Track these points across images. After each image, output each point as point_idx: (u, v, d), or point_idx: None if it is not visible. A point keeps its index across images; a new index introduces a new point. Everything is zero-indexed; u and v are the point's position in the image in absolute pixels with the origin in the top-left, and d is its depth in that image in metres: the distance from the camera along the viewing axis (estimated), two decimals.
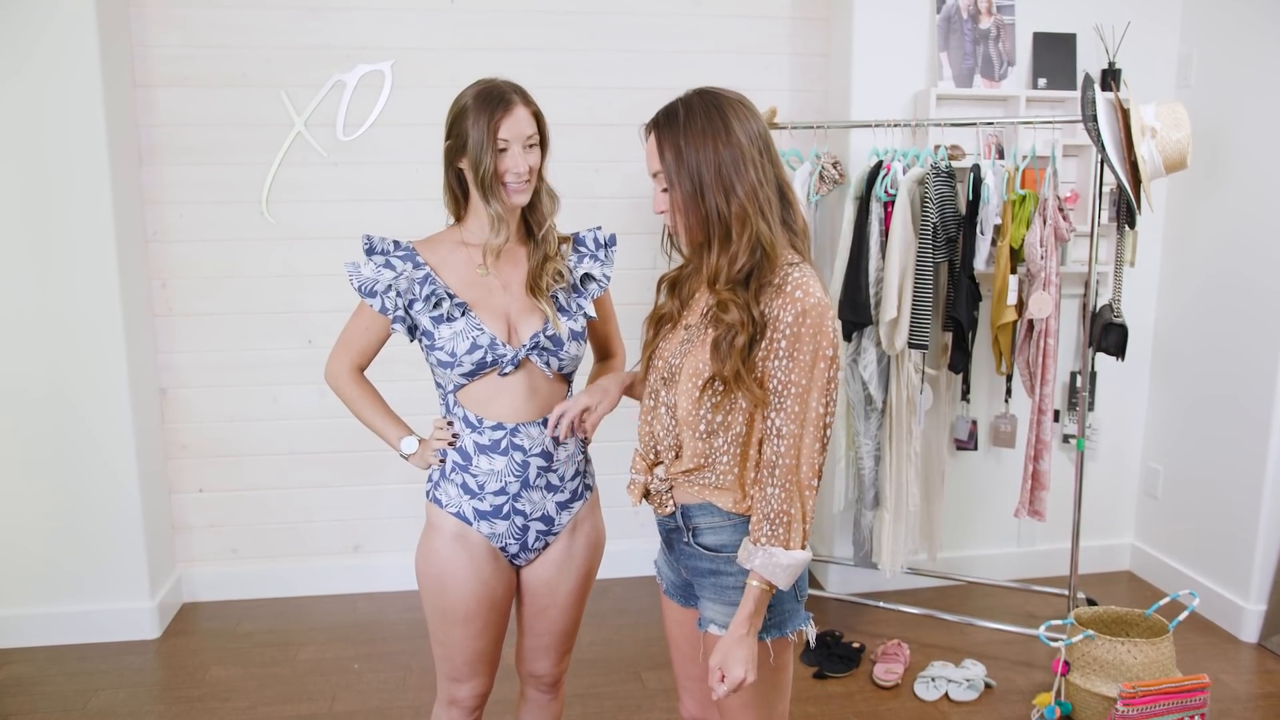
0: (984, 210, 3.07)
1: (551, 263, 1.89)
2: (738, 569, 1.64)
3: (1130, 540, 3.88)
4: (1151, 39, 3.48)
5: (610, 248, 2.00)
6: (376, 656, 3.19)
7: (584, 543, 1.97)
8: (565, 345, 1.86)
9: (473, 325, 1.81)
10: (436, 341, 1.82)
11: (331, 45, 3.38)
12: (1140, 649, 2.67)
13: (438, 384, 1.90)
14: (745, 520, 1.64)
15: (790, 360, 1.54)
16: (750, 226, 1.56)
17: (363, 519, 3.66)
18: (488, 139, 1.77)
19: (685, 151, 1.57)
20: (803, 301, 1.54)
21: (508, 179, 1.81)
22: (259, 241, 3.45)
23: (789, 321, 1.54)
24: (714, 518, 1.66)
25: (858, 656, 3.12)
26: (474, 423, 1.85)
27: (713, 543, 1.67)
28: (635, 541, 3.61)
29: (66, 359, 3.14)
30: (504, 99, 1.79)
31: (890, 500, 3.23)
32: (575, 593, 1.98)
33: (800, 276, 1.57)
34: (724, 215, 1.57)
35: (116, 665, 3.14)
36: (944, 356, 3.25)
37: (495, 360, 1.81)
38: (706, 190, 1.56)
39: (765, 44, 3.60)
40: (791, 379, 1.54)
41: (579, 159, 3.52)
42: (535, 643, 2.01)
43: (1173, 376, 3.64)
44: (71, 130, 3.03)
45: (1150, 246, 3.61)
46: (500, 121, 1.77)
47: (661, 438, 1.68)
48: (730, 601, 1.65)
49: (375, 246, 1.88)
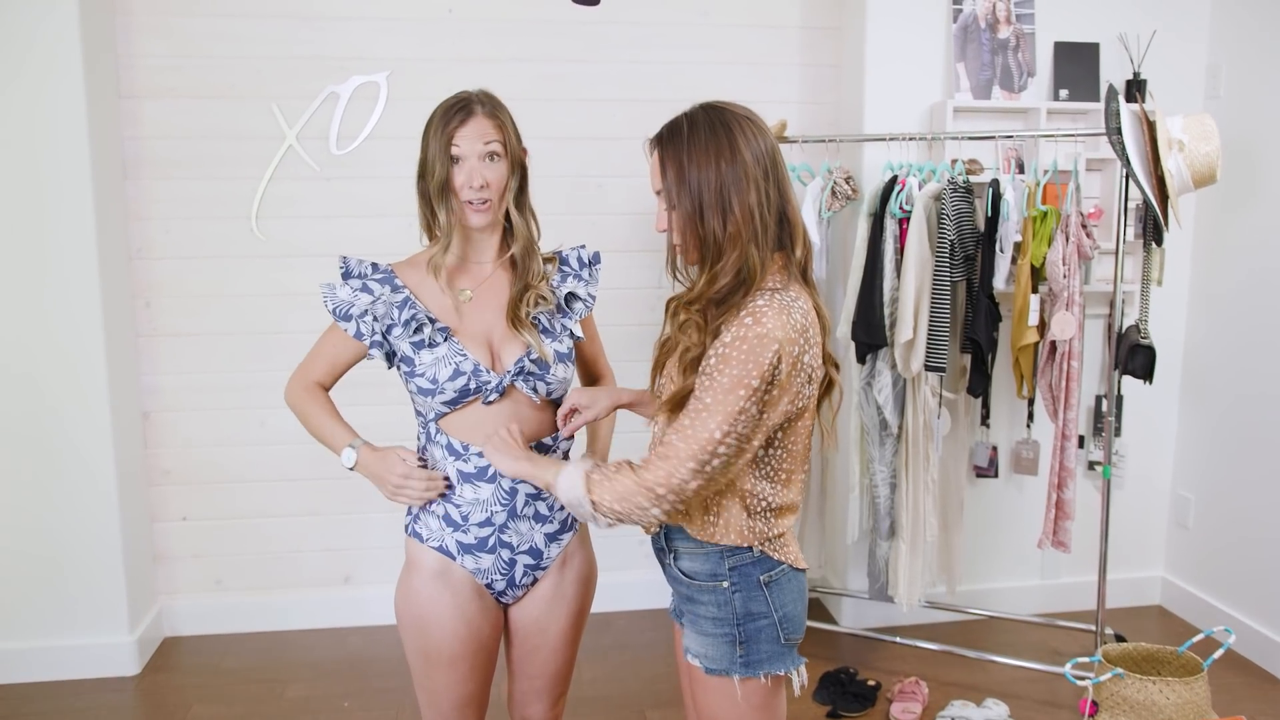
0: (1003, 227, 3.06)
1: (532, 291, 1.86)
2: (709, 598, 1.66)
3: (1160, 573, 3.85)
4: (1178, 48, 3.49)
5: (594, 266, 1.98)
6: (368, 694, 3.17)
7: (575, 578, 1.94)
8: (552, 368, 1.84)
9: (455, 351, 1.79)
10: (417, 368, 1.79)
11: (325, 56, 3.40)
12: (1173, 688, 2.63)
13: (418, 412, 1.88)
14: (721, 552, 1.65)
15: (709, 378, 1.52)
16: (740, 249, 1.56)
17: (354, 549, 3.65)
18: (440, 150, 1.76)
19: (688, 170, 1.57)
20: (749, 328, 1.51)
21: (463, 194, 1.77)
22: (248, 259, 3.46)
23: (726, 342, 1.52)
24: (689, 544, 1.68)
25: (874, 695, 3.09)
26: (458, 450, 1.82)
27: (687, 568, 1.69)
28: (639, 572, 3.60)
29: (45, 380, 3.14)
30: (464, 107, 1.77)
31: (907, 530, 3.21)
32: (567, 632, 1.95)
33: (762, 304, 1.54)
34: (718, 237, 1.57)
35: (94, 703, 3.12)
36: (962, 379, 3.24)
37: (479, 387, 1.79)
38: (706, 211, 1.56)
39: (774, 54, 3.61)
40: (704, 397, 1.52)
41: (580, 174, 3.53)
42: (527, 686, 1.99)
43: (1203, 400, 3.63)
44: (53, 142, 3.05)
45: (1178, 264, 3.60)
46: (455, 131, 1.76)
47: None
48: (704, 632, 1.67)
49: (352, 270, 1.85)
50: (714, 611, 1.66)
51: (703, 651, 1.68)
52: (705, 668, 1.68)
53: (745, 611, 1.65)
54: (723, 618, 1.66)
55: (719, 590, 1.66)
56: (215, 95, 3.37)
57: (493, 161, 1.79)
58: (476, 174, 1.77)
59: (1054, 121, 3.41)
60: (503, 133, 1.81)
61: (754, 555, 1.65)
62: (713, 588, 1.66)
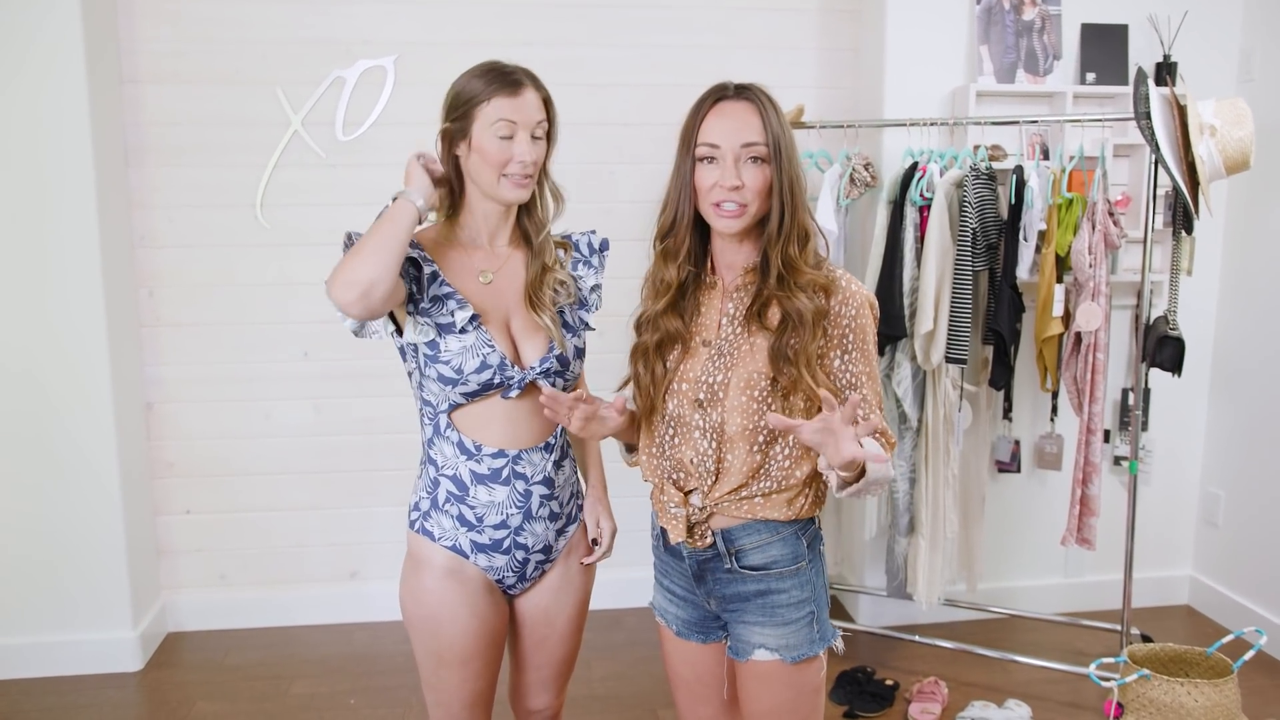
0: (1027, 215, 3.04)
1: (551, 273, 1.83)
2: (790, 582, 1.66)
3: (1188, 571, 3.82)
4: (1210, 30, 3.45)
5: (603, 253, 1.96)
6: (374, 691, 3.17)
7: (579, 566, 1.95)
8: (571, 364, 1.83)
9: (484, 341, 1.74)
10: (441, 354, 1.73)
11: (330, 40, 3.39)
12: (1202, 691, 2.61)
13: (425, 401, 1.82)
14: (796, 531, 1.66)
15: (859, 352, 1.62)
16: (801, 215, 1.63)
17: (360, 543, 3.65)
18: (491, 120, 1.71)
19: (784, 124, 1.62)
20: (859, 293, 1.62)
21: (510, 168, 1.73)
22: (252, 247, 3.46)
23: (852, 315, 1.60)
24: (761, 535, 1.66)
25: (891, 695, 3.08)
26: (470, 450, 1.78)
27: (761, 561, 1.67)
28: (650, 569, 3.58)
29: (46, 371, 3.15)
30: (514, 79, 1.74)
31: (926, 526, 3.20)
32: (574, 620, 1.96)
33: (841, 271, 1.65)
34: (798, 201, 1.62)
35: (96, 700, 3.13)
36: (984, 372, 3.23)
37: (503, 382, 1.76)
38: (798, 171, 1.62)
39: (791, 38, 3.59)
40: (860, 369, 1.62)
41: (593, 160, 3.51)
42: (534, 676, 1.98)
43: (1234, 393, 3.59)
44: (54, 129, 3.05)
45: (1209, 253, 3.57)
46: (509, 102, 1.72)
47: (696, 464, 1.66)
48: (785, 621, 1.67)
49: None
50: (796, 595, 1.66)
51: (783, 642, 1.67)
52: (789, 658, 1.66)
53: (820, 584, 1.71)
54: (804, 598, 1.67)
55: (801, 572, 1.67)
56: (219, 80, 3.37)
57: (539, 140, 1.77)
58: (528, 150, 1.73)
59: (1080, 106, 3.37)
60: (549, 109, 1.79)
61: (815, 525, 1.70)
62: (795, 571, 1.67)
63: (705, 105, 1.63)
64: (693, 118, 1.63)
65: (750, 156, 1.60)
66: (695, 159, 1.63)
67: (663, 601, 1.84)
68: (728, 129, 1.60)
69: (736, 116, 1.60)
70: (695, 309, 1.70)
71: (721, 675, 1.79)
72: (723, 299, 1.69)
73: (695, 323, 1.69)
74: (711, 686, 1.80)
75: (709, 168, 1.61)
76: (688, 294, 1.70)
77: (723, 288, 1.70)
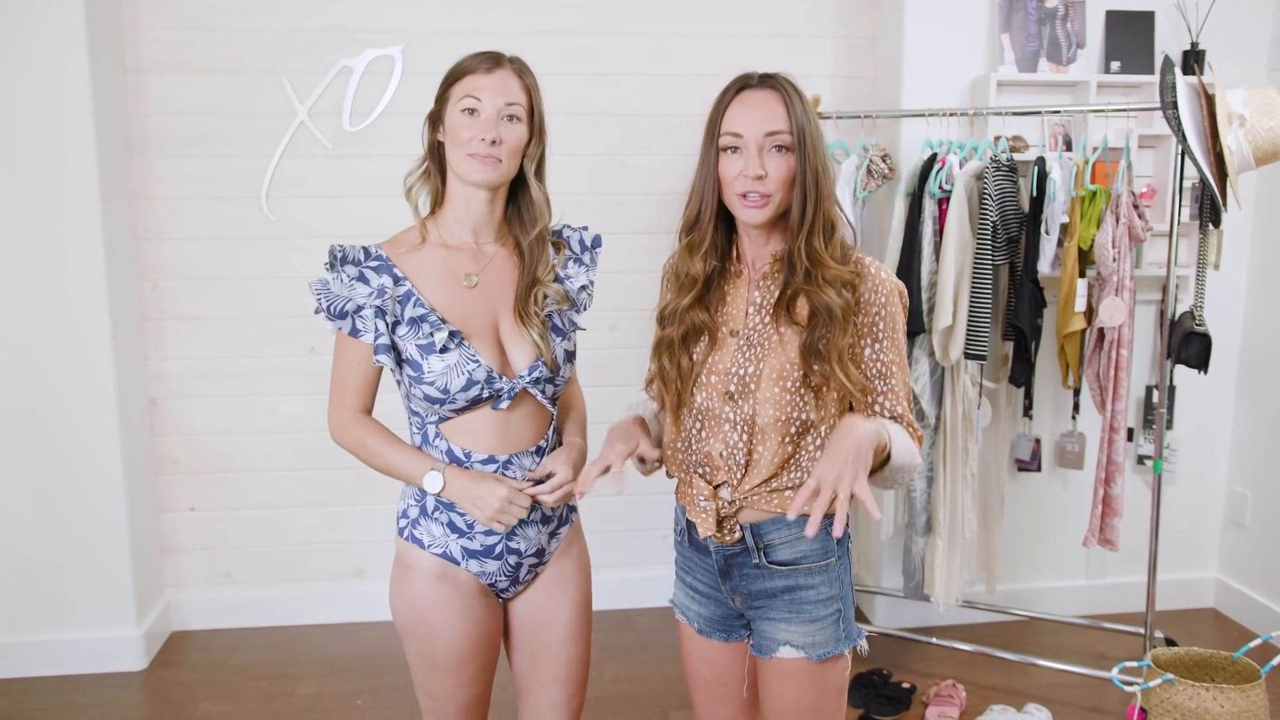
0: (1049, 207, 3.03)
1: (540, 287, 1.80)
2: (820, 578, 1.67)
3: (1214, 574, 3.80)
4: (1240, 16, 3.42)
5: (595, 250, 1.94)
6: (381, 691, 3.18)
7: (574, 565, 1.91)
8: (561, 369, 1.82)
9: (468, 357, 1.73)
10: (425, 375, 1.72)
11: (338, 28, 3.39)
12: (1228, 696, 2.60)
13: (414, 412, 1.81)
14: (826, 525, 1.65)
15: (889, 340, 1.64)
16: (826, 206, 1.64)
17: (367, 541, 3.66)
18: (459, 96, 1.71)
19: (810, 114, 1.62)
20: (889, 280, 1.64)
21: (473, 146, 1.70)
22: (258, 240, 3.47)
23: (882, 303, 1.63)
24: (791, 529, 1.66)
25: (908, 698, 3.07)
26: (460, 458, 1.77)
27: (790, 555, 1.67)
28: (661, 569, 3.59)
29: (49, 366, 3.16)
30: (490, 57, 1.74)
31: (944, 526, 3.19)
32: (575, 624, 1.90)
33: (869, 259, 1.67)
34: (823, 191, 1.62)
35: (99, 699, 3.15)
36: (1004, 368, 3.21)
37: (493, 394, 1.75)
38: (823, 162, 1.62)
39: (807, 26, 3.58)
40: (890, 359, 1.64)
41: (604, 151, 3.51)
42: (542, 698, 1.90)
43: (1262, 391, 3.57)
44: (56, 119, 3.06)
45: (1237, 247, 3.55)
46: (479, 78, 1.71)
47: (725, 457, 1.66)
48: (813, 618, 1.67)
49: (348, 255, 1.74)
50: (825, 591, 1.67)
51: (810, 640, 1.67)
52: (815, 656, 1.66)
53: (848, 581, 1.71)
54: (832, 595, 1.68)
55: (830, 568, 1.68)
56: (224, 69, 3.37)
57: (514, 122, 1.74)
58: (492, 126, 1.70)
59: (1104, 95, 3.36)
60: (529, 97, 1.76)
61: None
62: (825, 566, 1.67)
63: (729, 95, 1.63)
64: (717, 108, 1.63)
65: (774, 145, 1.59)
66: (719, 149, 1.62)
67: (684, 598, 1.83)
68: (751, 118, 1.60)
69: (760, 105, 1.60)
70: (720, 299, 1.71)
71: (742, 675, 1.79)
72: (749, 288, 1.69)
73: (721, 313, 1.70)
74: (731, 686, 1.80)
75: (733, 158, 1.61)
76: (713, 286, 1.71)
77: (749, 276, 1.70)
